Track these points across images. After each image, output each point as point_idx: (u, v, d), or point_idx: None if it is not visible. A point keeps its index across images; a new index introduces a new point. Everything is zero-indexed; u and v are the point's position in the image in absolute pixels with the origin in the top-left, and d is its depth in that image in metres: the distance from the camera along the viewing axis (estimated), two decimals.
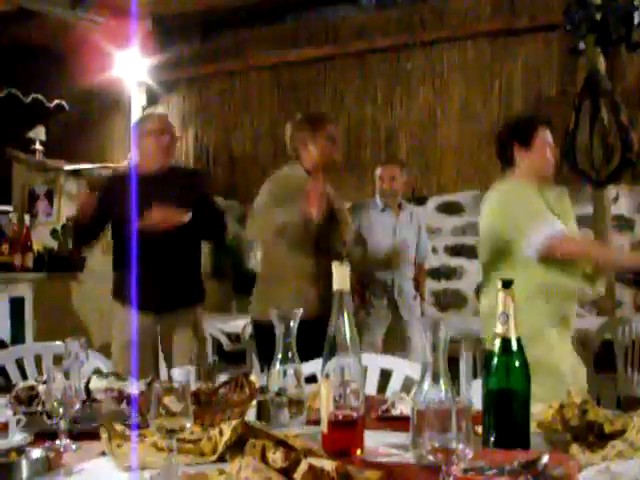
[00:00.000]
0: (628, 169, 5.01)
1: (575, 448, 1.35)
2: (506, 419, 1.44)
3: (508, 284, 1.46)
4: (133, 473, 1.35)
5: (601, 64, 4.96)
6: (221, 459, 1.37)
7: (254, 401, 1.68)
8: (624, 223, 5.29)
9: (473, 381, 1.81)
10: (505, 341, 1.46)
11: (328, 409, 1.38)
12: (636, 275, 4.90)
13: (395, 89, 5.94)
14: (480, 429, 1.46)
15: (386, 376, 2.33)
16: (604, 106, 4.95)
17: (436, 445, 1.10)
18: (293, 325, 1.65)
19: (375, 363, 2.29)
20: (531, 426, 1.48)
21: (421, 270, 4.58)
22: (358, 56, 6.02)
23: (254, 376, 1.79)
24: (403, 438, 1.52)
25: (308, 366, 1.92)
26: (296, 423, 1.65)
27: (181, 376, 1.80)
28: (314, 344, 1.70)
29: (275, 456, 1.20)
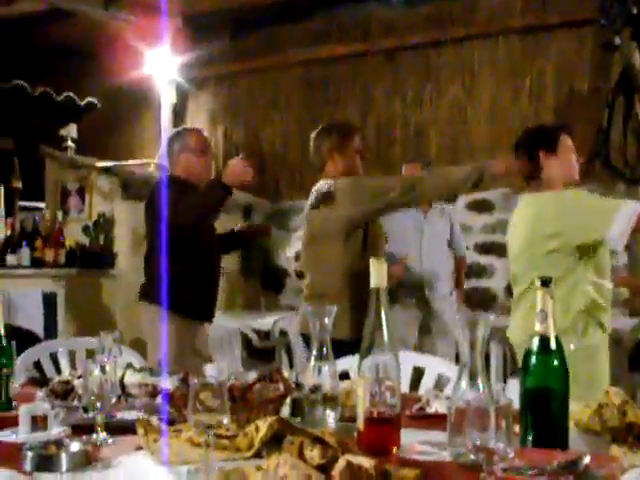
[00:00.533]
0: None
1: (616, 449, 1.33)
2: (544, 418, 1.43)
3: (547, 282, 1.44)
4: (170, 468, 1.35)
5: (636, 59, 4.89)
6: (257, 455, 1.37)
7: (288, 398, 1.68)
8: None
9: (509, 380, 1.79)
10: (543, 339, 1.44)
11: (365, 406, 1.37)
12: None
13: (425, 86, 5.91)
14: (517, 428, 1.44)
15: (418, 374, 2.32)
16: (639, 102, 4.88)
17: (476, 444, 1.09)
18: (327, 322, 1.65)
19: (408, 361, 2.28)
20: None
21: (461, 264, 4.53)
22: (388, 53, 5.99)
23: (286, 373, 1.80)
24: (439, 436, 1.52)
25: (340, 363, 1.92)
26: (330, 420, 1.65)
27: (214, 372, 1.80)
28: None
29: (312, 453, 1.20)
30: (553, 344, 1.44)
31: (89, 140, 6.11)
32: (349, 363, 2.22)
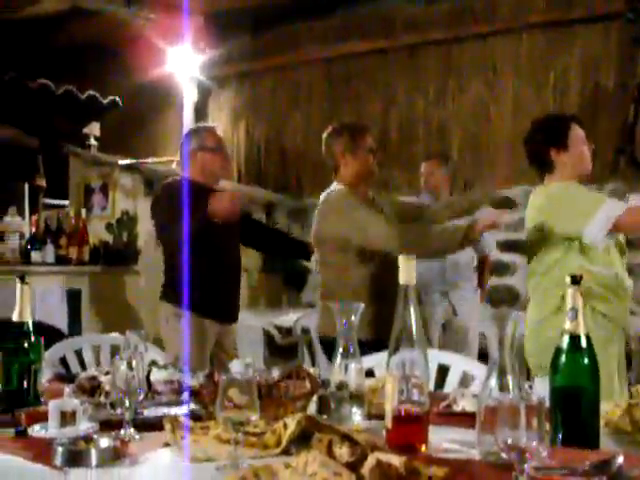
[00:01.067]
0: None
1: None
2: (574, 418, 1.41)
3: (577, 280, 1.43)
4: (198, 465, 1.36)
5: None
6: (285, 452, 1.37)
7: (315, 395, 1.68)
8: None
9: (537, 379, 1.77)
10: (574, 337, 1.43)
11: (393, 404, 1.37)
12: None
13: (447, 83, 5.87)
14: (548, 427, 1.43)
15: (442, 372, 2.30)
16: None
17: (508, 442, 1.07)
18: (354, 319, 1.64)
19: (432, 358, 2.26)
20: None
21: (485, 262, 4.50)
22: (409, 49, 5.96)
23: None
24: (466, 434, 1.50)
25: (365, 360, 1.91)
26: (357, 417, 1.64)
27: (239, 368, 1.80)
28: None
29: (342, 451, 1.19)
30: (584, 342, 1.42)
31: (112, 138, 6.15)
32: (374, 360, 2.22)
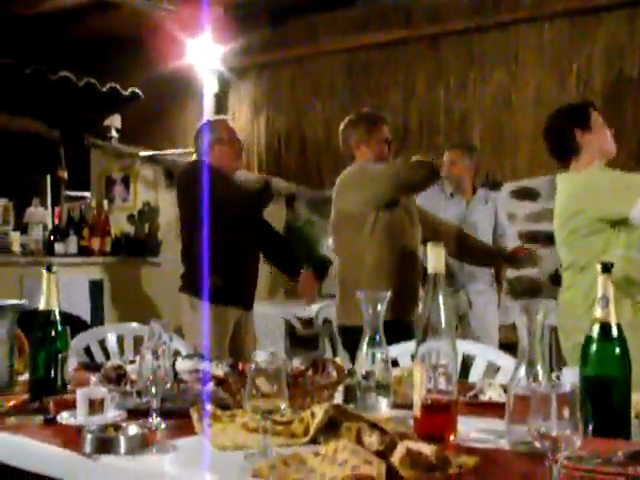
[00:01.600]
0: None
1: None
2: (605, 407, 1.39)
3: (608, 267, 1.41)
4: (225, 453, 1.36)
5: None
6: (312, 441, 1.36)
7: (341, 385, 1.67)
8: None
9: (564, 368, 1.75)
10: (604, 326, 1.41)
11: (421, 393, 1.36)
12: None
13: (468, 73, 5.82)
14: None
15: (465, 362, 2.29)
16: None
17: (541, 431, 1.06)
18: (380, 308, 1.63)
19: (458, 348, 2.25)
20: None
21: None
22: (431, 39, 5.91)
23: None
24: (494, 424, 1.49)
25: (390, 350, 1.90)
26: (383, 407, 1.64)
27: (264, 357, 1.80)
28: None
29: (371, 439, 1.19)
30: (615, 331, 1.41)
31: (133, 130, 6.17)
32: (398, 350, 2.21)
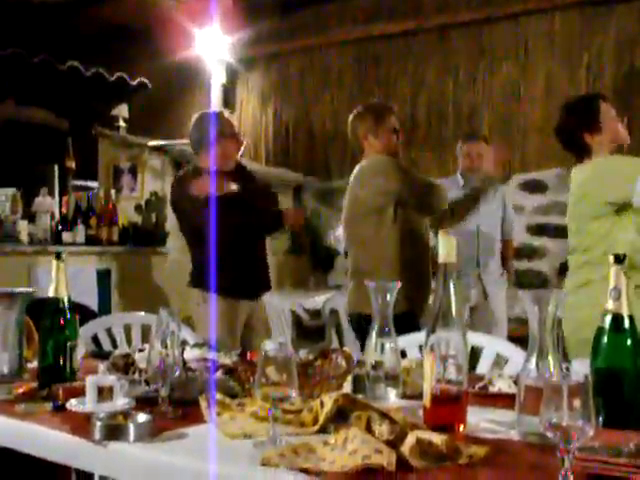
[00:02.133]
0: None
1: None
2: (616, 399, 1.39)
3: (620, 259, 1.40)
4: (234, 441, 1.35)
5: None
6: (322, 430, 1.36)
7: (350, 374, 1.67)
8: None
9: (574, 360, 1.74)
10: (616, 317, 1.40)
11: (431, 383, 1.35)
12: None
13: (478, 64, 5.79)
14: None
15: (473, 353, 2.28)
16: None
17: (552, 422, 1.06)
18: (390, 298, 1.63)
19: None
20: None
21: (508, 246, 4.46)
22: (440, 30, 5.88)
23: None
24: (504, 415, 1.49)
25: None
26: (391, 397, 1.63)
27: (273, 347, 1.80)
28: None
29: (381, 429, 1.18)
30: (627, 323, 1.40)
31: (140, 120, 6.17)
32: (406, 341, 2.21)
